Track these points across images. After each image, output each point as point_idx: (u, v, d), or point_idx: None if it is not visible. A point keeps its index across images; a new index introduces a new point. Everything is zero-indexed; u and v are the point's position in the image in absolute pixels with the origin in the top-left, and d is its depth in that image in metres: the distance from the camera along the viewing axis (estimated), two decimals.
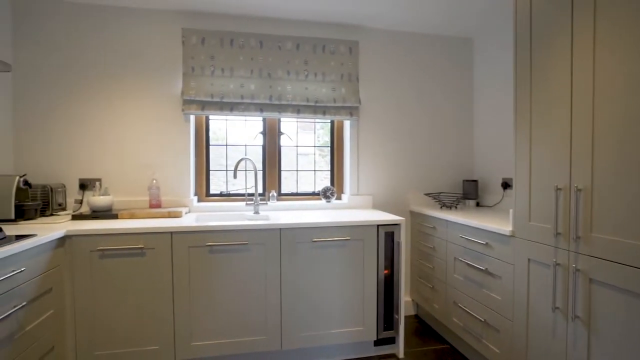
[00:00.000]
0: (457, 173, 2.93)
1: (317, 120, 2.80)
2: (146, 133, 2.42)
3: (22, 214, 1.92)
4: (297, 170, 2.82)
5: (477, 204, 2.83)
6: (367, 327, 2.17)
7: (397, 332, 2.22)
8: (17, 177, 1.91)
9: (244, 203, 2.56)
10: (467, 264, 2.11)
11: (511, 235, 1.76)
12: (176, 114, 2.46)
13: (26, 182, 1.97)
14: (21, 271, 1.45)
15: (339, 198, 2.85)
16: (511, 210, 1.78)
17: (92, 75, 2.35)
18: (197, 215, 2.36)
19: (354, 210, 2.61)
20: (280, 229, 2.04)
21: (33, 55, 2.27)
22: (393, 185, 2.82)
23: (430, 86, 2.86)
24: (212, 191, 2.69)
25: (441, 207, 2.69)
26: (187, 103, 2.42)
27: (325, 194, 2.72)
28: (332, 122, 2.84)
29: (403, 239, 2.20)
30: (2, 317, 1.35)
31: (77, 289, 1.82)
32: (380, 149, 2.79)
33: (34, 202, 2.00)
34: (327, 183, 2.87)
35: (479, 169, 2.90)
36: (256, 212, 2.48)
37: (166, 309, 1.91)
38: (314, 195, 2.82)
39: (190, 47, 2.41)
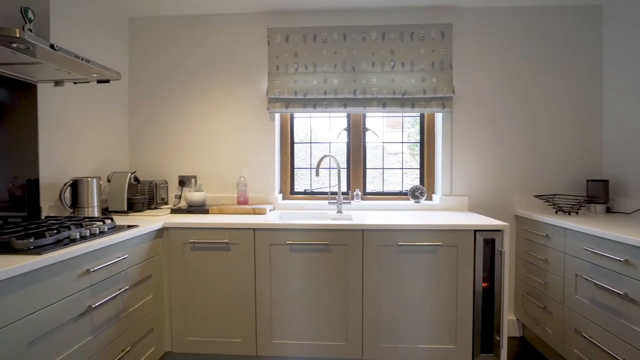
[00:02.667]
0: (578, 171, 2.42)
1: (404, 114, 2.59)
2: (236, 132, 2.54)
3: (131, 206, 2.16)
4: (383, 168, 2.65)
5: (608, 210, 2.29)
6: (461, 346, 1.90)
7: (497, 356, 1.90)
8: (129, 174, 2.16)
9: (327, 202, 2.50)
10: (596, 284, 1.69)
11: None
12: (262, 113, 2.52)
13: (136, 179, 2.21)
14: (125, 258, 1.60)
15: (429, 199, 2.59)
16: None
17: (190, 80, 2.54)
18: (280, 213, 2.38)
19: (447, 212, 2.34)
20: (362, 230, 1.91)
21: (144, 66, 2.56)
22: (494, 186, 2.45)
23: (542, 68, 2.41)
24: (296, 189, 2.69)
25: (556, 212, 2.24)
26: (272, 101, 2.46)
27: (414, 194, 2.49)
28: (421, 116, 2.60)
29: (506, 247, 1.87)
30: (110, 297, 1.50)
31: (172, 277, 1.97)
32: (478, 143, 2.45)
33: (142, 196, 2.24)
34: (416, 182, 2.64)
35: (609, 166, 2.35)
36: (339, 212, 2.39)
37: (249, 304, 1.94)
38: (401, 195, 2.62)
39: (275, 46, 2.44)
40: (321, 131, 2.68)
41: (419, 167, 2.63)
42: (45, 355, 1.22)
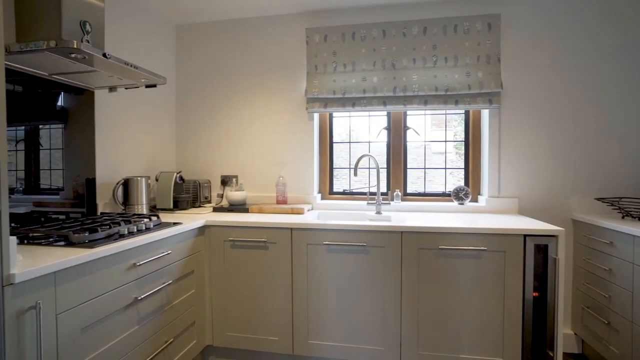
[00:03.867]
0: None
1: (448, 111, 2.48)
2: (275, 132, 2.58)
3: (177, 204, 2.28)
4: (424, 168, 2.55)
5: None
6: (508, 359, 1.76)
7: None
8: (175, 174, 2.27)
9: (366, 202, 2.45)
10: None
11: None
12: (301, 113, 2.53)
13: (181, 178, 2.32)
14: (168, 253, 1.69)
15: (474, 200, 2.45)
16: None
17: (232, 83, 2.63)
18: (319, 213, 2.37)
19: (494, 215, 2.19)
20: (401, 232, 1.84)
21: (189, 71, 2.69)
22: (547, 187, 2.26)
23: (607, 55, 2.17)
24: (335, 189, 2.68)
25: (623, 217, 2.02)
26: (311, 101, 2.46)
27: (458, 195, 2.37)
28: (466, 114, 2.47)
29: (562, 255, 1.71)
30: (155, 290, 1.59)
31: (212, 273, 2.04)
32: (530, 141, 2.27)
33: (187, 195, 2.35)
34: (461, 183, 2.51)
35: None
36: (378, 212, 2.34)
37: (286, 303, 1.96)
38: (444, 196, 2.50)
39: (313, 46, 2.44)
40: (361, 130, 2.64)
41: (463, 166, 2.49)
42: (97, 341, 1.31)
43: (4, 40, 1.05)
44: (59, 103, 1.82)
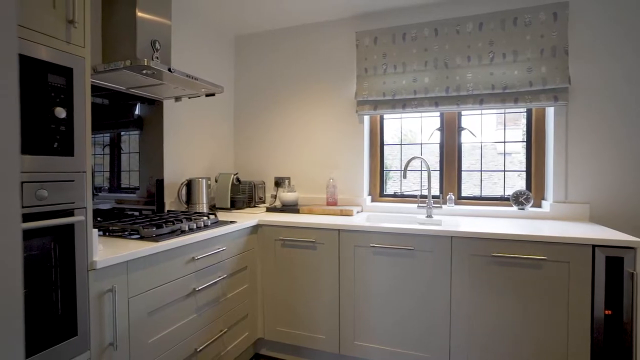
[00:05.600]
0: None
1: (507, 110, 2.32)
2: (326, 136, 2.64)
3: (234, 204, 2.44)
4: (480, 171, 2.42)
5: None
6: None
7: None
8: (232, 175, 2.44)
9: (416, 205, 2.40)
10: None
11: None
12: (351, 116, 2.56)
13: (238, 179, 2.48)
14: (223, 250, 1.82)
15: (537, 205, 2.27)
16: None
17: (285, 88, 2.74)
18: (368, 215, 2.38)
19: (559, 222, 2.01)
20: (451, 236, 1.78)
21: (246, 79, 2.87)
22: (628, 192, 2.01)
23: None
24: (389, 191, 2.66)
25: None
26: (361, 104, 2.48)
27: (518, 200, 2.21)
28: (528, 112, 2.29)
29: None
30: (211, 282, 1.73)
31: (264, 270, 2.15)
32: (604, 141, 2.04)
33: (243, 195, 2.51)
34: (522, 186, 2.33)
35: None
36: (429, 216, 2.27)
37: (333, 303, 2.00)
38: (502, 200, 2.35)
39: (363, 49, 2.45)
40: (417, 131, 2.59)
41: (524, 169, 2.32)
42: (160, 325, 1.47)
43: (90, 62, 1.24)
44: (136, 112, 2.07)
